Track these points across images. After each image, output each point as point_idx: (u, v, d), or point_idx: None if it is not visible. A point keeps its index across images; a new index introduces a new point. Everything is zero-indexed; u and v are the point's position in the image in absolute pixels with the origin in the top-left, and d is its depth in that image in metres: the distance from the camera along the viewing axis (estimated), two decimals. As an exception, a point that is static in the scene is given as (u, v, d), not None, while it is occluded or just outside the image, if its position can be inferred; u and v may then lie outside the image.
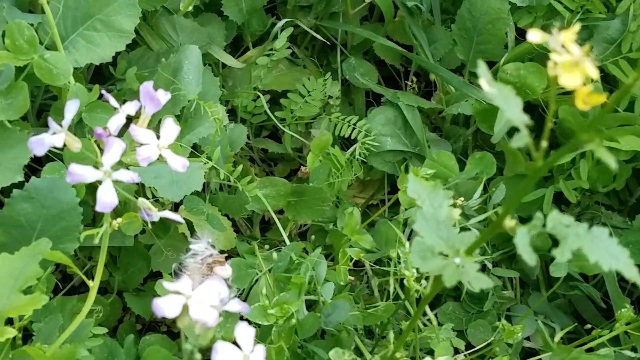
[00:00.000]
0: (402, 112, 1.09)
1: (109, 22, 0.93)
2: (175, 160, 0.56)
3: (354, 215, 0.93)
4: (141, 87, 0.58)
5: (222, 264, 0.63)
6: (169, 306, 0.46)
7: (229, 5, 1.12)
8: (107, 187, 0.54)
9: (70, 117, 0.56)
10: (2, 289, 0.65)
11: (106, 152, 0.54)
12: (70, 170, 0.53)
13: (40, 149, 0.56)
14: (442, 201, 0.54)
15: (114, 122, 0.56)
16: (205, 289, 0.47)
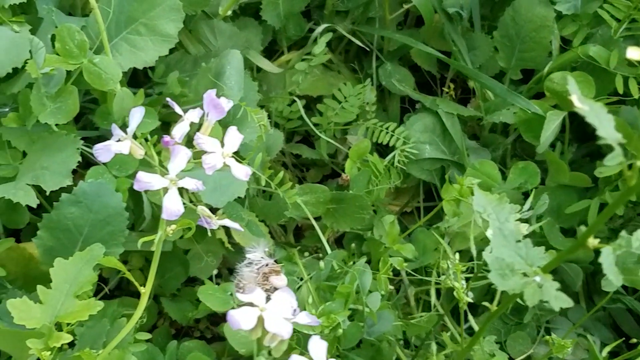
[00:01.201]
0: (440, 119, 1.08)
1: (153, 26, 0.92)
2: (239, 168, 0.56)
3: (395, 224, 0.92)
4: (205, 95, 0.58)
5: (277, 273, 0.62)
6: (244, 318, 0.45)
7: (267, 10, 1.12)
8: (173, 195, 0.54)
9: (135, 125, 0.56)
10: (57, 294, 0.65)
11: (172, 160, 0.54)
12: (137, 178, 0.53)
13: (107, 155, 0.56)
14: (508, 215, 0.53)
15: (179, 130, 0.56)
16: (278, 301, 0.47)
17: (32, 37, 0.76)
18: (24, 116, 0.84)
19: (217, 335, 1.13)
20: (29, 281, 0.92)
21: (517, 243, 0.46)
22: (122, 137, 0.57)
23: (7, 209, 0.89)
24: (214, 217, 0.60)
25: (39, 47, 0.75)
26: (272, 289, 0.62)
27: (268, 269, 0.61)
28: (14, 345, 0.69)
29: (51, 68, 0.77)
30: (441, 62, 1.23)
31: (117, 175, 0.90)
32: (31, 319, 0.63)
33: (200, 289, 0.87)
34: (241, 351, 0.80)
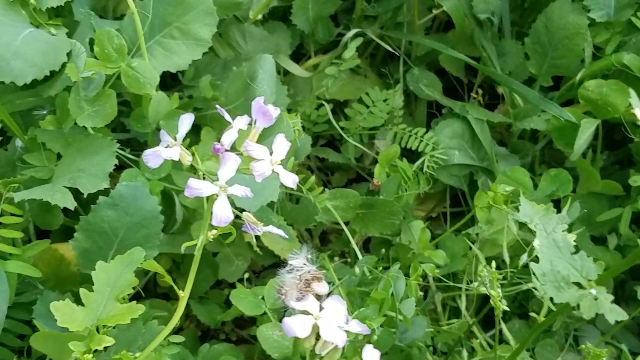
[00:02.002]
0: (469, 125, 1.08)
1: (187, 30, 0.93)
2: (287, 176, 0.56)
3: (426, 230, 0.92)
4: (253, 102, 0.58)
5: (319, 280, 0.62)
6: (299, 326, 0.45)
7: (297, 14, 1.12)
8: (222, 201, 0.54)
9: (185, 131, 0.57)
10: (98, 297, 0.65)
11: (222, 167, 0.54)
12: (188, 184, 0.53)
13: (156, 161, 0.56)
14: (555, 226, 0.53)
15: (228, 137, 0.56)
16: (331, 309, 0.47)
17: (73, 41, 0.77)
18: (60, 119, 0.85)
19: (242, 337, 1.13)
20: (59, 282, 0.93)
21: (572, 255, 0.46)
22: (171, 143, 0.57)
23: (41, 210, 0.90)
24: (259, 223, 0.60)
25: (80, 51, 0.76)
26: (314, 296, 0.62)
27: (310, 275, 0.61)
28: (53, 347, 0.69)
29: (92, 72, 0.77)
30: (467, 67, 1.23)
31: (150, 178, 0.90)
32: (74, 321, 0.63)
33: (232, 293, 0.87)
34: (274, 355, 0.80)
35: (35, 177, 0.86)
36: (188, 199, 0.94)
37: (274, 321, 0.84)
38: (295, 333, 0.46)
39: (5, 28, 0.84)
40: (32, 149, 0.90)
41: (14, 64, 0.82)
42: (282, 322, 0.46)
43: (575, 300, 0.44)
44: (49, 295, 0.85)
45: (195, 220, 0.98)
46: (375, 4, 1.14)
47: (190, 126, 0.94)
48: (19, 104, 0.90)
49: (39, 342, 0.69)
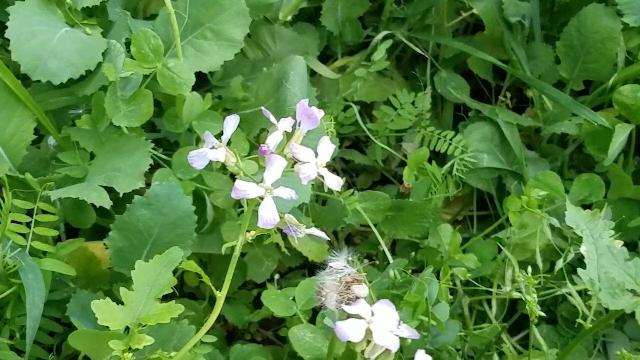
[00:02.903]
0: (498, 128, 1.07)
1: (219, 30, 0.93)
2: (332, 179, 0.56)
3: (457, 234, 0.92)
4: (298, 104, 0.58)
5: (359, 282, 0.62)
6: (352, 330, 0.45)
7: (327, 15, 1.12)
8: (268, 203, 0.54)
9: (230, 132, 0.57)
10: (138, 296, 0.65)
11: (268, 169, 0.54)
12: (235, 186, 0.53)
13: (201, 162, 0.56)
14: (602, 231, 0.53)
15: (273, 139, 0.56)
16: (383, 313, 0.47)
17: (112, 41, 0.77)
18: (96, 118, 0.86)
19: (267, 338, 1.13)
20: (90, 280, 0.94)
21: (626, 262, 0.46)
22: (216, 144, 0.57)
23: (74, 208, 0.91)
24: (302, 225, 0.60)
25: (119, 51, 0.76)
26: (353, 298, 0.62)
27: (350, 277, 0.61)
28: (91, 345, 0.69)
29: (131, 72, 0.78)
30: (495, 70, 1.23)
31: (181, 178, 0.90)
32: (114, 320, 0.64)
33: (263, 294, 0.87)
34: (306, 357, 0.80)
35: (70, 176, 0.86)
36: (218, 199, 0.95)
37: (305, 322, 0.84)
38: (348, 337, 0.46)
39: (41, 27, 0.84)
40: (66, 148, 0.91)
41: (50, 63, 0.83)
42: (335, 326, 0.46)
43: (631, 307, 0.44)
44: (82, 293, 0.86)
45: (224, 220, 0.98)
46: (404, 6, 1.14)
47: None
48: (53, 103, 0.91)
49: (77, 339, 0.69)
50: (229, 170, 0.92)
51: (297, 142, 0.58)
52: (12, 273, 0.77)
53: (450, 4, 1.17)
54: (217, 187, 0.94)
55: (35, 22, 0.84)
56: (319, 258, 1.03)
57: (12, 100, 0.84)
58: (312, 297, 0.87)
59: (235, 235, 0.95)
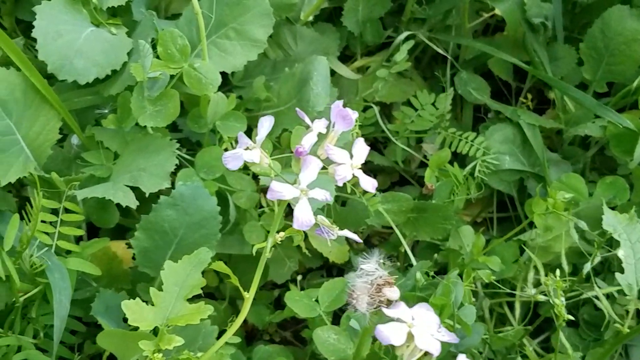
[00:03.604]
0: (520, 130, 1.07)
1: (243, 31, 0.93)
2: (367, 180, 0.56)
3: (481, 236, 0.91)
4: (332, 105, 0.58)
5: (391, 285, 0.62)
6: (394, 334, 0.45)
7: (348, 16, 1.12)
8: (304, 205, 0.54)
9: (265, 133, 0.57)
10: (168, 296, 0.65)
11: (303, 170, 0.54)
12: (271, 187, 0.53)
13: (236, 163, 0.56)
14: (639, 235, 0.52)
15: (308, 140, 0.56)
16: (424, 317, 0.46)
17: (141, 41, 0.77)
18: (121, 118, 0.86)
19: (285, 338, 1.13)
20: (112, 280, 0.94)
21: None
22: (250, 145, 0.57)
23: (98, 208, 0.91)
24: (335, 227, 0.60)
25: (147, 52, 0.76)
26: (385, 301, 0.62)
27: (382, 280, 0.61)
28: (119, 345, 0.69)
29: (159, 72, 0.78)
30: (515, 72, 1.22)
31: (204, 178, 0.90)
32: (144, 320, 0.64)
33: (287, 294, 0.87)
34: (331, 358, 0.80)
35: (94, 175, 0.86)
36: (241, 199, 0.95)
37: (329, 324, 0.84)
38: (390, 340, 0.46)
39: (67, 27, 0.85)
40: (90, 147, 0.91)
41: (77, 63, 0.83)
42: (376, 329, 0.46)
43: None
44: (106, 293, 0.86)
45: (244, 221, 0.98)
46: (426, 7, 1.13)
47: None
48: (77, 103, 0.91)
49: (105, 339, 0.69)
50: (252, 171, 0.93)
51: (331, 143, 0.58)
52: (38, 272, 0.77)
53: (471, 5, 1.17)
54: (240, 188, 0.94)
55: (62, 22, 0.84)
56: (339, 259, 1.03)
57: (39, 100, 0.84)
58: (335, 298, 0.87)
59: (258, 236, 0.96)
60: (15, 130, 0.83)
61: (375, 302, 0.61)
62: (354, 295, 0.61)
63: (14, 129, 0.83)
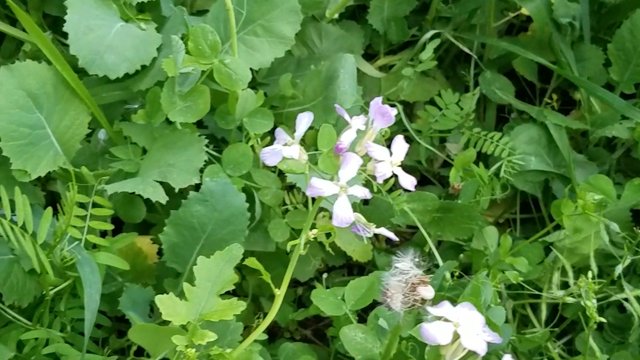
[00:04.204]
0: (546, 130, 1.06)
1: (270, 27, 0.93)
2: (406, 178, 0.56)
3: (508, 237, 0.91)
4: (372, 102, 0.57)
5: (425, 284, 0.62)
6: (440, 333, 0.45)
7: (373, 14, 1.12)
8: (343, 202, 0.53)
9: (303, 129, 0.56)
10: (200, 292, 0.65)
11: (343, 167, 0.54)
12: (311, 184, 0.53)
13: (274, 159, 0.56)
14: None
15: (347, 137, 0.56)
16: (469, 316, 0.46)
17: (174, 37, 0.77)
18: (150, 113, 0.86)
19: (306, 336, 1.13)
20: (137, 275, 0.94)
21: None
22: (288, 141, 0.57)
23: (125, 203, 0.91)
24: (371, 225, 0.59)
25: (180, 47, 0.76)
26: (419, 300, 0.62)
27: (417, 279, 0.61)
28: (150, 340, 0.70)
29: (192, 68, 0.78)
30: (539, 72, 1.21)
31: (231, 175, 0.90)
32: (177, 315, 0.64)
33: (313, 293, 0.86)
34: (357, 357, 0.79)
35: (122, 170, 0.86)
36: (266, 196, 0.94)
37: (355, 323, 0.84)
38: (436, 340, 0.46)
39: (98, 21, 0.85)
40: (117, 142, 0.91)
41: (107, 58, 0.83)
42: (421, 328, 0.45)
43: None
44: (133, 288, 0.86)
45: (268, 218, 0.98)
46: (452, 5, 1.13)
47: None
48: (105, 97, 0.91)
49: (137, 334, 0.69)
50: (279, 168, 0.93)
51: (370, 140, 0.58)
52: (68, 266, 0.78)
53: (496, 5, 1.16)
54: (265, 185, 0.94)
55: (92, 16, 0.84)
56: (362, 258, 1.03)
57: (69, 94, 0.84)
58: (361, 297, 0.86)
59: (282, 233, 0.96)
60: (45, 124, 0.83)
61: (409, 301, 0.61)
62: (388, 293, 0.61)
63: (45, 122, 0.83)
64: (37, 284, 0.83)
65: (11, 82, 0.80)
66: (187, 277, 0.85)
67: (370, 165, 0.56)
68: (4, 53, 1.09)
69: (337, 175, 0.54)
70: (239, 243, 0.83)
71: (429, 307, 0.49)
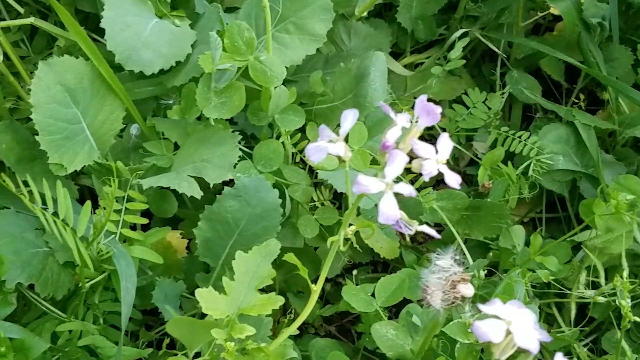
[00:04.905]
0: (574, 130, 1.06)
1: (302, 25, 0.93)
2: (452, 176, 0.56)
3: (538, 236, 0.91)
4: (417, 100, 0.58)
5: (466, 282, 0.62)
6: (493, 331, 0.45)
7: (402, 12, 1.12)
8: (389, 199, 0.54)
9: (349, 127, 0.57)
10: (239, 286, 0.66)
11: (389, 164, 0.54)
12: (357, 181, 0.53)
13: (319, 155, 0.57)
14: None
15: (392, 135, 0.56)
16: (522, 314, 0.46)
17: (212, 33, 0.77)
18: (185, 109, 0.86)
19: (330, 332, 1.13)
20: (166, 269, 0.95)
21: None
22: (333, 138, 0.58)
23: (157, 197, 0.92)
24: (414, 222, 0.60)
25: (217, 44, 0.77)
26: (460, 298, 0.62)
27: (458, 277, 0.61)
28: (187, 333, 0.70)
29: (230, 65, 0.78)
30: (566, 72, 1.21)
31: (262, 171, 0.91)
32: (217, 309, 0.64)
33: (344, 289, 0.87)
34: (389, 354, 0.80)
35: (156, 165, 0.87)
36: (297, 192, 0.95)
37: (386, 319, 0.84)
38: (488, 337, 0.46)
39: (134, 18, 0.85)
40: (150, 137, 0.92)
41: (143, 54, 0.84)
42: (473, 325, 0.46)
43: None
44: (165, 282, 0.87)
45: (296, 214, 0.98)
46: (481, 4, 1.13)
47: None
48: (138, 93, 0.92)
49: (174, 327, 0.70)
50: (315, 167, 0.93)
51: (415, 137, 0.58)
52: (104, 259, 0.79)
53: (524, 4, 1.16)
54: (295, 181, 0.94)
55: (129, 13, 0.85)
56: (390, 255, 1.03)
57: (104, 89, 0.85)
58: (391, 294, 0.87)
59: (312, 230, 0.96)
60: (81, 118, 0.84)
61: (449, 298, 0.62)
62: (427, 291, 0.62)
63: (80, 117, 0.84)
64: (70, 277, 0.84)
65: (50, 77, 0.81)
66: (219, 271, 0.85)
67: (416, 163, 0.56)
68: (35, 48, 1.10)
69: (382, 173, 0.55)
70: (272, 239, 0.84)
71: (480, 305, 0.49)
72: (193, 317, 0.89)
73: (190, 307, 0.94)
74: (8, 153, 0.82)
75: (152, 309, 0.99)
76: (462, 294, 0.62)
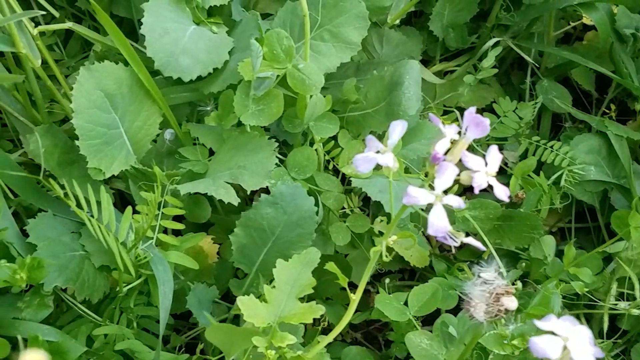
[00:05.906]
0: (606, 140, 1.05)
1: (337, 32, 0.93)
2: (501, 189, 0.56)
3: (572, 247, 0.91)
4: (466, 111, 0.58)
5: (509, 294, 0.62)
6: (550, 347, 0.45)
7: (435, 20, 1.12)
8: (438, 211, 0.54)
9: (397, 138, 0.57)
10: (279, 294, 0.66)
11: (439, 176, 0.54)
12: (407, 192, 0.54)
13: (367, 166, 0.57)
14: None
15: (442, 146, 0.56)
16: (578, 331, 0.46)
17: (253, 41, 0.78)
18: (222, 115, 0.87)
19: (356, 339, 1.13)
20: (197, 274, 0.95)
21: None
22: (381, 149, 0.58)
23: (191, 203, 0.92)
24: (460, 233, 0.60)
25: (258, 52, 0.77)
26: (503, 311, 0.62)
27: (502, 289, 0.61)
28: (225, 340, 0.70)
29: (270, 73, 0.78)
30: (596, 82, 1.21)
31: (295, 178, 0.91)
32: (258, 317, 0.65)
33: (377, 297, 0.87)
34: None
35: (192, 171, 0.88)
36: (329, 200, 0.95)
37: (419, 329, 0.84)
38: (546, 354, 0.46)
39: (173, 24, 0.86)
40: (185, 143, 0.92)
41: (182, 60, 0.84)
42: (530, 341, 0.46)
43: None
44: (199, 287, 0.87)
45: (327, 221, 0.98)
46: (514, 13, 1.13)
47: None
48: (174, 99, 0.92)
49: (213, 334, 0.70)
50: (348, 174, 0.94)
51: (463, 149, 0.58)
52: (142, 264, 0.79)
53: (556, 14, 1.16)
54: (328, 188, 0.95)
55: (168, 19, 0.85)
56: (420, 263, 1.03)
57: (142, 95, 0.86)
58: (424, 303, 0.87)
59: (344, 237, 0.96)
60: (119, 123, 0.85)
61: (493, 311, 0.61)
62: (472, 303, 0.61)
63: (119, 122, 0.85)
64: (106, 280, 0.85)
65: (90, 83, 0.81)
66: (252, 277, 0.86)
67: (465, 175, 0.56)
68: (70, 52, 1.11)
69: (432, 184, 0.55)
70: (306, 246, 0.84)
71: (536, 321, 0.49)
72: (223, 322, 0.89)
73: (220, 311, 0.94)
74: (48, 157, 0.83)
75: (182, 313, 1.00)
76: (506, 307, 0.61)
